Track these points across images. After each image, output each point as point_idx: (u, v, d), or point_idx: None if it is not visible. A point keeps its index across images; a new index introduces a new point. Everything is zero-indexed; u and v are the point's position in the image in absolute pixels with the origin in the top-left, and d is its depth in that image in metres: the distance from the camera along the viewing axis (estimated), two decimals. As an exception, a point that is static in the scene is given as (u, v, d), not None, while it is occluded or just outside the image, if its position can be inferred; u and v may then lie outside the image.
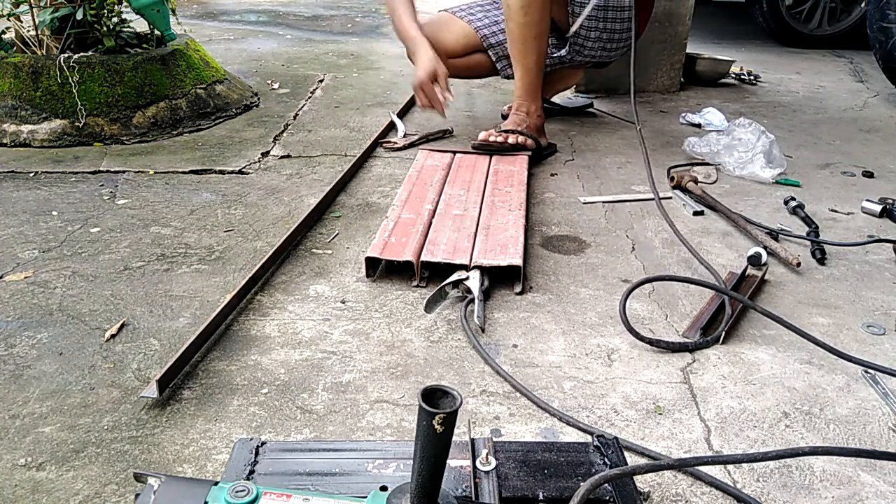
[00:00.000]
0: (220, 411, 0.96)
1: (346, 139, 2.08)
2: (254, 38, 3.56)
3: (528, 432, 0.93)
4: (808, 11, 3.68)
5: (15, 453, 0.87)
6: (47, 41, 2.13)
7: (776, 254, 1.41)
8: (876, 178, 1.89)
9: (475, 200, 1.54)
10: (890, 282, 1.35)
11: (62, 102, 1.98)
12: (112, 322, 1.15)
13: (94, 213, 1.55)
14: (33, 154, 1.90)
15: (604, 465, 0.79)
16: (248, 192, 1.68)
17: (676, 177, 1.75)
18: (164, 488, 0.69)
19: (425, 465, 0.63)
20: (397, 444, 0.82)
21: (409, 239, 1.34)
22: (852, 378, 1.06)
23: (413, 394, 1.00)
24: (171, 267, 1.33)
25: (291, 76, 2.80)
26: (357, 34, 3.80)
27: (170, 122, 2.10)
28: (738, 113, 2.43)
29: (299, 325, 1.16)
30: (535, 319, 1.19)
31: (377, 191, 1.72)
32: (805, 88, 2.88)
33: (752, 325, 1.19)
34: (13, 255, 1.36)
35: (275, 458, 0.78)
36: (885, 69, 2.71)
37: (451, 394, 0.60)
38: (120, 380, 1.01)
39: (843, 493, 0.84)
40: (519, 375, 1.04)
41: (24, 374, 1.02)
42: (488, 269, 1.26)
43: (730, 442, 0.93)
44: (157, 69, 2.14)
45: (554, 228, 1.54)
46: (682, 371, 1.06)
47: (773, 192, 1.77)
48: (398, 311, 1.21)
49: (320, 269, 1.34)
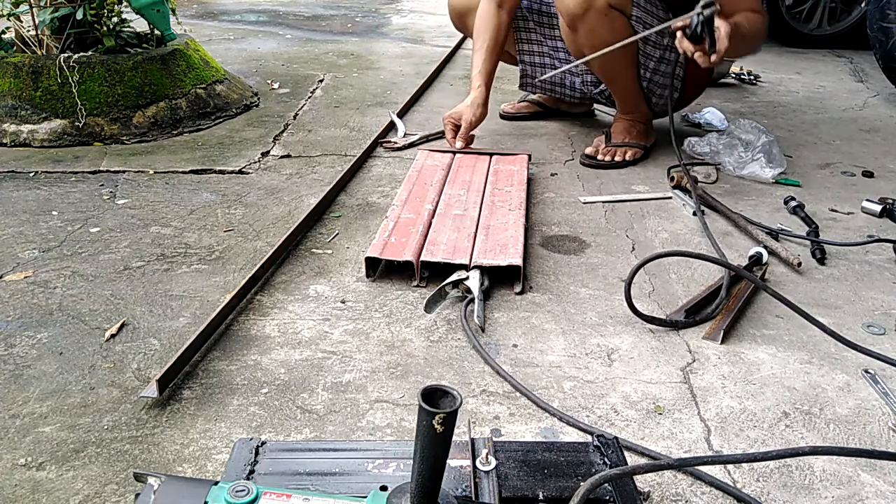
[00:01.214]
0: (220, 411, 0.96)
1: (346, 139, 2.08)
2: (254, 37, 3.56)
3: (528, 432, 0.93)
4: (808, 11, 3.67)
5: (15, 453, 0.87)
6: (47, 41, 2.13)
7: (776, 254, 1.41)
8: (876, 178, 1.89)
9: (475, 200, 1.54)
10: (890, 282, 1.35)
11: (62, 102, 1.98)
12: (112, 322, 1.15)
13: (94, 212, 1.55)
14: (33, 154, 1.90)
15: (604, 464, 0.79)
16: (248, 192, 1.68)
17: (676, 177, 1.75)
18: (164, 488, 0.69)
19: (425, 464, 0.63)
20: (397, 443, 0.82)
21: (409, 239, 1.34)
22: (852, 378, 1.06)
23: (413, 394, 1.00)
24: (171, 267, 1.33)
25: (291, 76, 2.80)
26: (357, 34, 3.80)
27: (170, 122, 2.10)
28: (738, 113, 2.43)
29: (299, 325, 1.16)
30: (535, 319, 1.19)
31: (377, 191, 1.72)
32: (805, 88, 2.88)
33: (753, 324, 1.19)
34: (13, 255, 1.36)
35: (275, 458, 0.78)
36: (885, 69, 2.71)
37: (451, 394, 0.60)
38: (120, 380, 1.01)
39: (843, 493, 0.84)
40: (519, 375, 1.04)
41: (24, 374, 1.02)
42: (488, 268, 1.26)
43: (730, 442, 0.93)
44: (157, 69, 2.14)
45: (554, 228, 1.54)
46: (682, 371, 1.07)
47: (773, 192, 1.77)
48: (398, 310, 1.21)
49: (320, 268, 1.34)
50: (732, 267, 1.23)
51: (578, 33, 1.72)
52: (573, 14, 1.68)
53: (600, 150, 1.92)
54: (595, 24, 1.68)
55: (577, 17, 1.68)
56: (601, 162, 1.90)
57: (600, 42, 1.68)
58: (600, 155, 1.91)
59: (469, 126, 1.86)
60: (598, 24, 1.68)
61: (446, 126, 1.91)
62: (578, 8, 1.65)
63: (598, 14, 1.66)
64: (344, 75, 2.86)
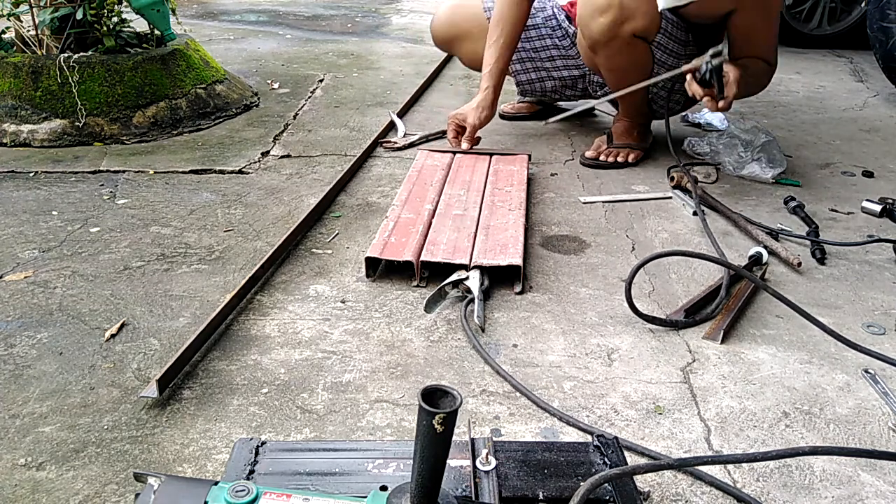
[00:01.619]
0: (220, 411, 0.96)
1: (346, 139, 2.08)
2: (254, 37, 3.56)
3: (528, 432, 0.93)
4: (808, 11, 3.67)
5: (15, 453, 0.87)
6: (47, 41, 2.13)
7: (776, 253, 1.41)
8: (876, 178, 1.89)
9: (475, 200, 1.54)
10: (890, 282, 1.35)
11: (62, 102, 1.98)
12: (112, 322, 1.15)
13: (94, 212, 1.55)
14: (33, 154, 1.90)
15: (604, 464, 0.79)
16: (248, 192, 1.68)
17: (676, 177, 1.75)
18: (164, 488, 0.69)
19: (425, 464, 0.63)
20: (397, 443, 0.82)
21: (409, 239, 1.34)
22: (852, 378, 1.06)
23: (413, 393, 1.00)
24: (171, 267, 1.33)
25: (291, 76, 2.80)
26: (357, 34, 3.80)
27: (170, 122, 2.10)
28: (738, 113, 2.43)
29: (299, 325, 1.16)
30: (535, 319, 1.19)
31: (377, 191, 1.72)
32: (805, 88, 2.88)
33: (753, 324, 1.19)
34: (13, 255, 1.36)
35: (275, 458, 0.78)
36: (885, 69, 2.71)
37: (451, 393, 0.60)
38: (120, 380, 1.01)
39: (843, 493, 0.84)
40: (519, 375, 1.04)
41: (24, 374, 1.02)
42: (488, 268, 1.26)
43: (730, 442, 0.93)
44: (157, 69, 2.14)
45: (554, 228, 1.54)
46: (682, 371, 1.07)
47: (773, 192, 1.77)
48: (398, 310, 1.21)
49: (320, 268, 1.34)
50: (732, 266, 1.23)
51: (598, 55, 1.73)
52: (596, 41, 1.68)
53: (602, 152, 1.92)
54: (616, 51, 1.69)
55: (599, 44, 1.68)
56: (604, 163, 1.90)
57: (617, 66, 1.72)
58: (602, 156, 1.91)
59: (473, 129, 1.86)
60: (620, 51, 1.68)
61: (449, 126, 1.90)
62: (603, 36, 1.65)
63: (622, 43, 1.66)
64: (344, 75, 2.86)
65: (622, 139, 1.94)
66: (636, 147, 1.94)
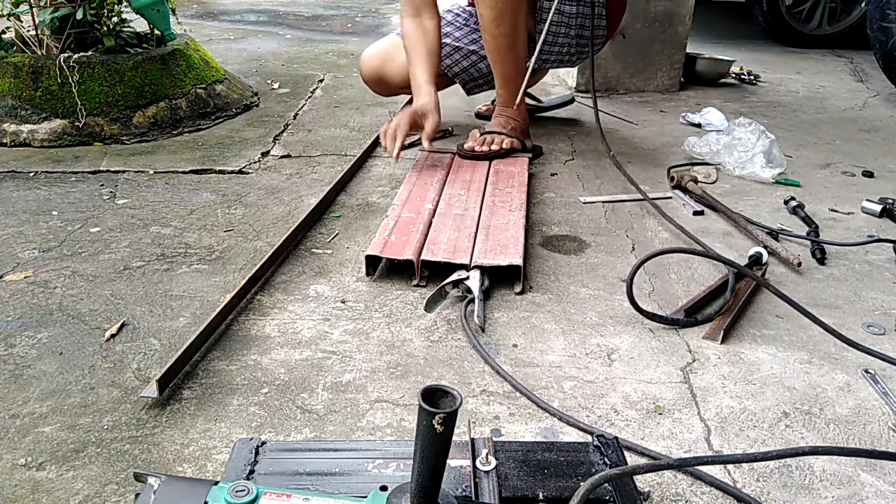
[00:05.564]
0: (220, 411, 0.96)
1: (346, 139, 2.08)
2: (254, 37, 3.56)
3: (528, 432, 0.93)
4: (808, 11, 3.68)
5: (15, 453, 0.87)
6: (47, 41, 2.13)
7: (776, 253, 1.41)
8: (876, 178, 1.89)
9: (475, 200, 1.54)
10: (890, 282, 1.35)
11: (62, 102, 1.98)
12: (112, 322, 1.15)
13: (94, 212, 1.55)
14: (33, 154, 1.90)
15: (604, 464, 0.79)
16: (248, 192, 1.68)
17: (676, 177, 1.75)
18: (164, 488, 0.69)
19: (425, 464, 0.63)
20: (397, 443, 0.82)
21: (410, 238, 1.34)
22: (852, 378, 1.06)
23: (413, 393, 1.00)
24: (171, 267, 1.33)
25: (291, 76, 2.80)
26: (357, 34, 3.80)
27: (170, 122, 2.10)
28: (738, 113, 2.42)
29: (299, 325, 1.16)
30: (535, 319, 1.19)
31: (377, 190, 1.72)
32: (805, 88, 2.88)
33: (753, 324, 1.19)
34: (13, 255, 1.36)
35: (275, 458, 0.78)
36: (885, 69, 2.71)
37: (451, 393, 0.60)
38: (120, 380, 1.01)
39: (843, 493, 0.84)
40: (519, 375, 1.04)
41: (24, 374, 1.02)
42: (488, 268, 1.26)
43: (730, 442, 0.93)
44: (157, 69, 2.14)
45: (554, 228, 1.54)
46: (682, 371, 1.06)
47: (773, 192, 1.77)
48: (398, 310, 1.21)
49: (320, 268, 1.34)
50: (734, 264, 1.23)
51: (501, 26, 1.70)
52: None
53: (476, 142, 1.85)
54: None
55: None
56: (478, 153, 1.82)
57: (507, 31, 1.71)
58: (477, 146, 1.84)
59: (435, 127, 1.78)
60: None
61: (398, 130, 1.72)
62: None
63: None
64: (344, 75, 2.86)
65: (497, 129, 1.88)
66: (512, 136, 1.87)
